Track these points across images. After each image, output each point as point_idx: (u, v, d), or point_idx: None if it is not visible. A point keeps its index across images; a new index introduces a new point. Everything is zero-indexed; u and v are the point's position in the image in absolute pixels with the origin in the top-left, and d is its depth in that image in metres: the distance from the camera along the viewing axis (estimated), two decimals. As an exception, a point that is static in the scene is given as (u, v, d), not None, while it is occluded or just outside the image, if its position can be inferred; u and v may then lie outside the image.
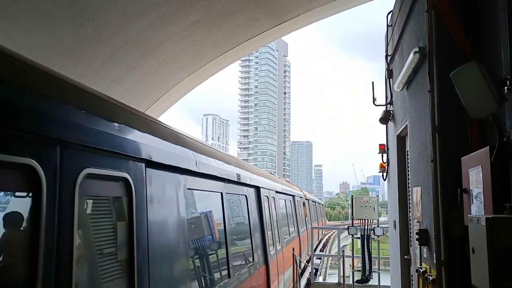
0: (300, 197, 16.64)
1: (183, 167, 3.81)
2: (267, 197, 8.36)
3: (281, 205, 10.75)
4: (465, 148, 4.36)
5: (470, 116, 4.08)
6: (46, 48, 9.37)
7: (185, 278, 3.81)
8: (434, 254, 4.72)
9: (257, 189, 7.46)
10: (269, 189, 8.63)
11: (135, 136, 3.00)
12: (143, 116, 3.50)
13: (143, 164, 3.06)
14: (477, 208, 3.80)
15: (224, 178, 5.30)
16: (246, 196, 6.61)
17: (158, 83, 13.69)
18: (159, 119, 4.39)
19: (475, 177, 3.84)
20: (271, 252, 7.91)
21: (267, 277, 7.41)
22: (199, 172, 4.24)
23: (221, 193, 5.16)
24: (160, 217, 3.33)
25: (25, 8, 8.23)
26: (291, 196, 13.51)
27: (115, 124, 2.75)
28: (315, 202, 28.33)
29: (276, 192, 9.86)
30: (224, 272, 4.97)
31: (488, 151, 3.56)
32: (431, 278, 5.09)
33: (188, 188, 3.95)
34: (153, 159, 3.19)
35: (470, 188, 3.97)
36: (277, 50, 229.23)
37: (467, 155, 4.13)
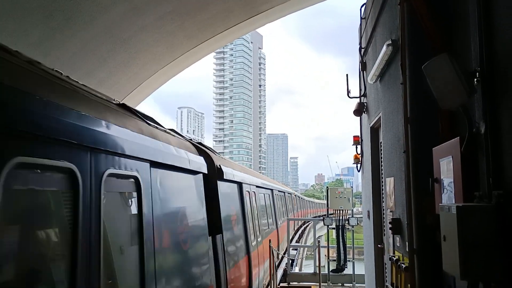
0: (269, 189, 13.09)
1: None
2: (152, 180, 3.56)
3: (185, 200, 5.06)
4: (436, 138, 4.46)
5: (441, 108, 4.16)
6: (13, 39, 9.04)
7: None
8: (407, 243, 4.82)
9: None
10: (168, 164, 4.00)
11: None
12: None
13: None
14: (448, 197, 3.90)
15: None
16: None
17: (131, 75, 13.42)
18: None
19: (446, 167, 3.93)
20: None
21: None
22: None
23: None
24: None
25: (-10, -4, 7.92)
26: (251, 186, 8.93)
27: None
28: (290, 194, 27.00)
29: (194, 172, 4.96)
30: None
31: (459, 142, 3.64)
32: (403, 266, 5.22)
33: None
34: None
35: (441, 178, 4.07)
36: (252, 42, 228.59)
37: (438, 145, 4.22)
